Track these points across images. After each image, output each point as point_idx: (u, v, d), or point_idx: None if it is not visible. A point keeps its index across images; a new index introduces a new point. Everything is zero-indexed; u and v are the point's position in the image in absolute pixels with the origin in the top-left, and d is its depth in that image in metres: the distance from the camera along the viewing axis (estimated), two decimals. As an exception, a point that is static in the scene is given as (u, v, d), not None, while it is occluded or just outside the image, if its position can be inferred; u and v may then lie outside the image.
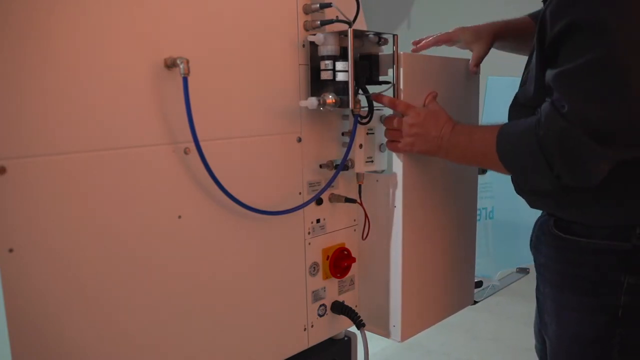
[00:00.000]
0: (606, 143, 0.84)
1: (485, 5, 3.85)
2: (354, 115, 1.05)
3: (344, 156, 1.08)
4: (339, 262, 1.15)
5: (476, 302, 1.41)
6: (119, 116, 0.80)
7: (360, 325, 1.16)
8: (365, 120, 1.07)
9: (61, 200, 0.74)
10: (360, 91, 1.04)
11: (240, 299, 1.00)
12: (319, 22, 1.03)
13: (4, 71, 0.68)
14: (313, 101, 1.01)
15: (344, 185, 1.17)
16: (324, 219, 1.14)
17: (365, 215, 1.15)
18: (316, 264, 1.13)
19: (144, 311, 0.85)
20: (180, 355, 0.91)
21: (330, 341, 1.21)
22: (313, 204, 1.11)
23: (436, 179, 1.21)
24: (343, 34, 1.01)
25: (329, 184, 1.10)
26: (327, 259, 1.14)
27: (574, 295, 0.98)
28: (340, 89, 1.02)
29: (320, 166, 1.11)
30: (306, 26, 1.05)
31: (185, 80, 0.83)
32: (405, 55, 1.08)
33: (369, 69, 1.07)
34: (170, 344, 0.90)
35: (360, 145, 1.10)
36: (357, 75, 1.02)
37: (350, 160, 1.11)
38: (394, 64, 1.08)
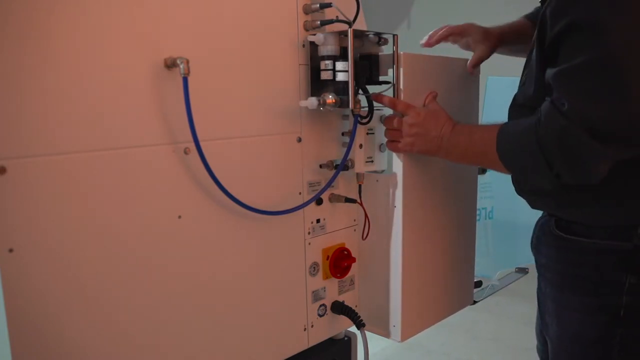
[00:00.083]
0: (606, 142, 0.84)
1: (485, 5, 3.85)
2: (354, 115, 1.05)
3: (344, 156, 1.09)
4: (339, 262, 1.15)
5: (476, 302, 1.42)
6: (119, 116, 0.80)
7: (360, 325, 1.16)
8: (365, 120, 1.07)
9: (61, 200, 0.74)
10: (360, 91, 1.04)
11: (240, 299, 1.00)
12: (319, 22, 1.03)
13: (4, 71, 0.68)
14: (313, 101, 1.01)
15: (344, 185, 1.17)
16: (324, 219, 1.14)
17: (365, 215, 1.15)
18: (316, 264, 1.13)
19: (144, 311, 0.85)
20: (180, 355, 0.91)
21: (330, 341, 1.21)
22: (313, 204, 1.11)
23: (436, 179, 1.21)
24: (343, 34, 1.01)
25: (329, 184, 1.10)
26: (327, 259, 1.14)
27: (575, 295, 0.98)
28: (340, 89, 1.02)
29: (320, 166, 1.11)
30: (306, 26, 1.05)
31: (185, 80, 0.83)
32: (405, 55, 1.08)
33: (369, 69, 1.07)
34: (170, 344, 0.90)
35: (360, 145, 1.10)
36: (357, 75, 1.02)
37: (350, 160, 1.11)
38: (394, 64, 1.08)
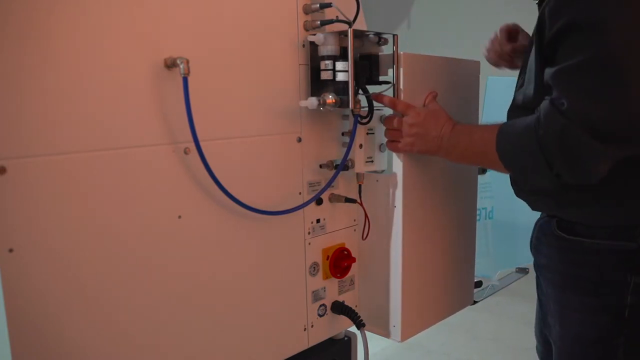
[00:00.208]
0: (606, 141, 0.84)
1: (485, 5, 3.86)
2: (354, 115, 1.05)
3: (344, 156, 1.09)
4: (339, 262, 1.15)
5: (476, 302, 1.42)
6: (119, 116, 0.80)
7: (360, 325, 1.16)
8: (365, 120, 1.07)
9: (61, 200, 0.74)
10: (360, 91, 1.04)
11: (240, 299, 1.00)
12: (319, 22, 1.03)
13: (4, 71, 0.68)
14: (313, 101, 1.01)
15: (344, 185, 1.17)
16: (324, 219, 1.14)
17: (365, 215, 1.15)
18: (316, 264, 1.13)
19: (144, 311, 0.85)
20: (180, 355, 0.91)
21: (330, 341, 1.21)
22: (313, 204, 1.11)
23: (436, 179, 1.21)
24: (343, 34, 1.01)
25: (329, 184, 1.10)
26: (327, 259, 1.14)
27: (576, 295, 0.98)
28: (340, 89, 1.02)
29: (320, 166, 1.11)
30: (306, 26, 1.05)
31: (185, 80, 0.83)
32: (405, 55, 1.08)
33: (369, 69, 1.07)
34: (170, 344, 0.90)
35: (360, 145, 1.10)
36: (357, 75, 1.02)
37: (350, 160, 1.11)
38: (394, 64, 1.08)
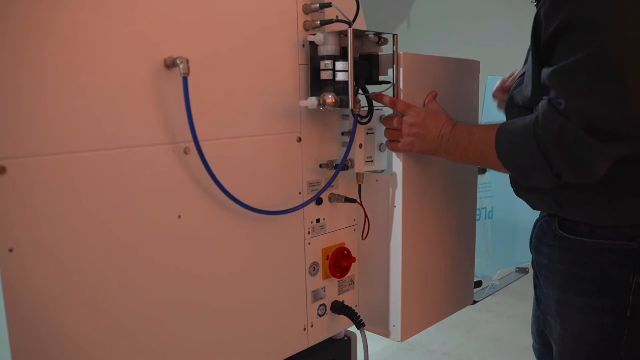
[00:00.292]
0: (604, 139, 0.84)
1: (485, 6, 3.85)
2: (354, 115, 1.05)
3: (344, 156, 1.09)
4: (339, 262, 1.15)
5: (476, 302, 1.41)
6: (119, 116, 0.80)
7: (360, 325, 1.16)
8: (365, 120, 1.07)
9: (61, 200, 0.74)
10: (360, 91, 1.04)
11: (240, 299, 1.00)
12: (319, 22, 1.03)
13: (4, 71, 0.68)
14: (313, 101, 1.01)
15: (344, 185, 1.17)
16: (324, 219, 1.14)
17: (365, 215, 1.15)
18: (316, 264, 1.13)
19: (144, 311, 0.85)
20: (180, 355, 0.91)
21: (330, 341, 1.21)
22: (313, 204, 1.11)
23: (436, 179, 1.21)
24: (343, 34, 1.01)
25: (329, 184, 1.10)
26: (327, 259, 1.14)
27: (577, 295, 0.98)
28: (340, 89, 1.02)
29: (320, 166, 1.11)
30: (306, 26, 1.05)
31: (185, 80, 0.83)
32: (405, 55, 1.08)
33: (369, 69, 1.07)
34: (170, 343, 0.90)
35: (360, 145, 1.10)
36: (357, 75, 1.02)
37: (350, 160, 1.11)
38: (394, 64, 1.08)
